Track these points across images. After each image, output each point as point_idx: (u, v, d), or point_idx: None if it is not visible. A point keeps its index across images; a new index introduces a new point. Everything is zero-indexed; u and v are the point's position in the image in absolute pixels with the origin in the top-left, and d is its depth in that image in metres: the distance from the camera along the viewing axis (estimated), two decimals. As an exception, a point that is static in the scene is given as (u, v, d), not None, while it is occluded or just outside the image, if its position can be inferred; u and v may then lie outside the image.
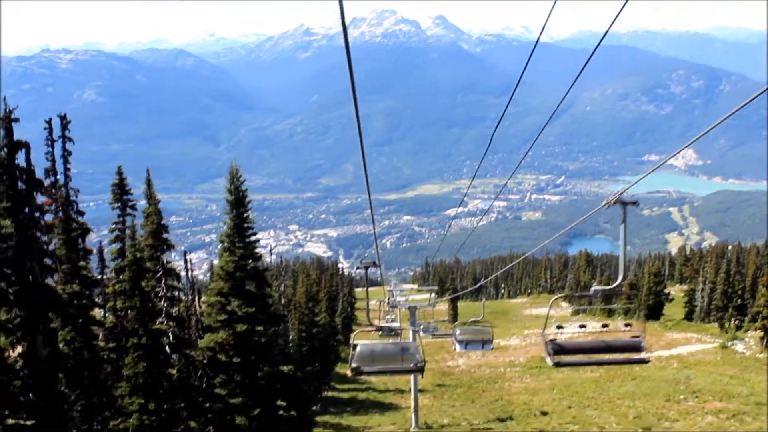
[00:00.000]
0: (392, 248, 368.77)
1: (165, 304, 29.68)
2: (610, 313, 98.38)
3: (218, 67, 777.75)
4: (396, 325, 33.46)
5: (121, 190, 30.85)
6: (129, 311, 24.59)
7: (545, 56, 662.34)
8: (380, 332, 24.77)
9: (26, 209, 18.37)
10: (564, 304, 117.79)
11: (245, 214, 30.19)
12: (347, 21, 5.76)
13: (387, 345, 16.11)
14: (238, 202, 30.00)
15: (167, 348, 27.78)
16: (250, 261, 29.99)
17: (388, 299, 47.51)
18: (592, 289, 13.23)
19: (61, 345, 22.47)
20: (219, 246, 30.53)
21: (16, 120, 18.07)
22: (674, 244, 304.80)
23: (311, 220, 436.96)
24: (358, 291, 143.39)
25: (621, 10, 7.75)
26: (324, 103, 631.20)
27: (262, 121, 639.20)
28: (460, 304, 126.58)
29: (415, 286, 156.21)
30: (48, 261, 19.29)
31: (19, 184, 18.13)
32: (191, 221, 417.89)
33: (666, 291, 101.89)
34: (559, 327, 14.86)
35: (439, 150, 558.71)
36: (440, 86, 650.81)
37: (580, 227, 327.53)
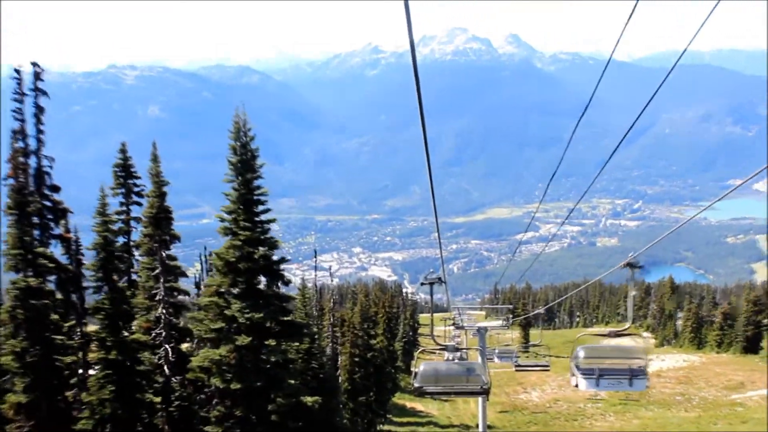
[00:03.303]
0: (459, 273, 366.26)
1: (164, 311, 24.82)
2: (700, 345, 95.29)
3: (284, 84, 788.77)
4: (457, 342, 32.67)
5: (125, 172, 27.12)
6: (97, 314, 20.52)
7: (623, 76, 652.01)
8: (445, 352, 24.63)
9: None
10: (646, 334, 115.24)
11: (255, 182, 23.68)
12: (417, 39, 5.86)
13: (452, 365, 15.93)
14: (245, 165, 23.46)
15: (166, 368, 23.91)
16: (261, 248, 23.43)
17: (454, 321, 47.03)
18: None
19: (9, 359, 18.91)
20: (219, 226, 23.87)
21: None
22: (762, 274, 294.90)
23: (376, 242, 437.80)
24: (423, 317, 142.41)
25: (701, 26, 7.64)
26: (392, 122, 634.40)
27: (327, 139, 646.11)
28: (533, 332, 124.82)
29: (483, 312, 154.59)
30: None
31: None
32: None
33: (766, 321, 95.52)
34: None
35: (510, 172, 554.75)
36: (513, 106, 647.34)
37: (659, 255, 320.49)
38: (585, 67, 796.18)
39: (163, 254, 25.42)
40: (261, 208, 23.85)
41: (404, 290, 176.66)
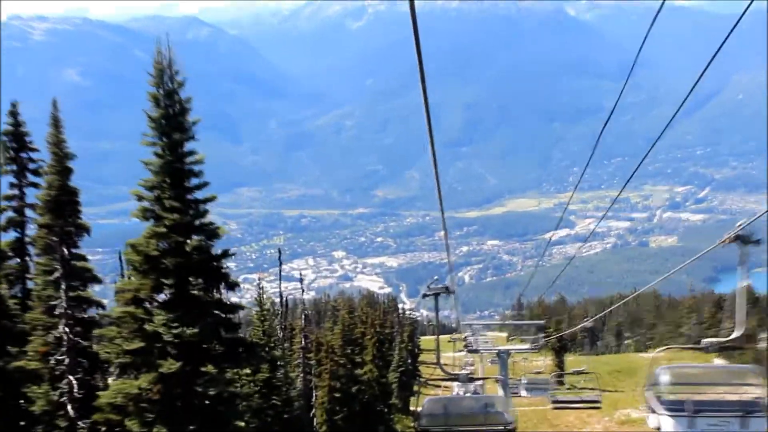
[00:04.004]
0: (472, 283, 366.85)
1: (66, 330, 23.30)
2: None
3: (242, 40, 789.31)
4: (470, 371, 31.94)
5: (17, 142, 26.19)
6: None
7: (681, 25, 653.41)
8: (456, 383, 23.92)
9: None
10: (719, 361, 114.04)
11: (186, 146, 22.45)
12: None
13: (465, 399, 16.38)
14: (171, 121, 22.00)
15: (69, 408, 22.62)
16: (195, 237, 22.04)
17: (466, 343, 45.64)
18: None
19: None
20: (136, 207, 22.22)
21: None
22: None
23: (363, 244, 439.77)
24: (425, 339, 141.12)
25: None
26: (382, 88, 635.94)
27: (299, 112, 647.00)
28: (569, 359, 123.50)
29: (503, 334, 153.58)
30: None
31: None
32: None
33: None
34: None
35: (536, 152, 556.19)
36: (539, 67, 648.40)
37: (731, 258, 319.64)
38: (632, 15, 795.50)
39: (65, 252, 24.10)
40: (195, 181, 22.45)
41: (400, 305, 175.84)
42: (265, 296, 41.06)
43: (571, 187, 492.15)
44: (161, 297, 21.78)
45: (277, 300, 55.66)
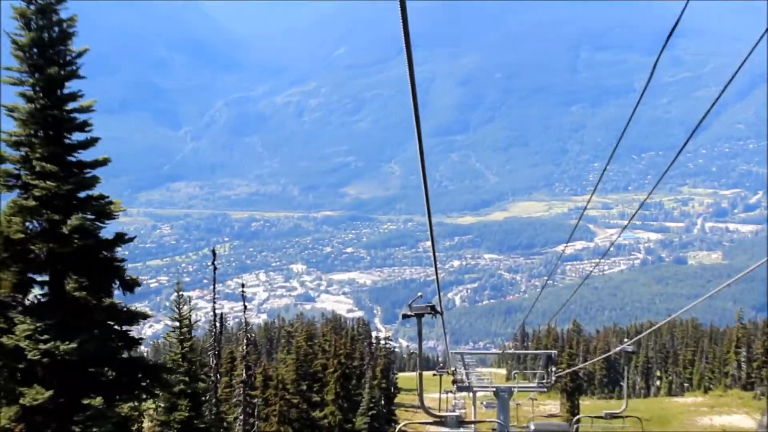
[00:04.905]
0: (465, 307, 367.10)
1: None
2: None
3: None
4: (461, 414, 30.51)
5: None
6: None
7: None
8: (443, 429, 22.77)
9: None
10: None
11: (65, 84, 20.95)
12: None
13: None
14: (45, 49, 20.28)
15: None
16: (79, 214, 20.44)
17: (455, 377, 44.08)
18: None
19: None
20: None
21: None
22: None
23: (329, 256, 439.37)
24: (403, 376, 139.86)
25: None
26: (355, 60, 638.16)
27: (250, 88, 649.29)
28: (585, 402, 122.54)
29: (502, 371, 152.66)
30: None
31: None
32: (126, 253, 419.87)
33: None
34: None
35: (547, 143, 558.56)
36: (551, 35, 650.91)
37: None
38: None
39: None
40: (79, 137, 21.03)
41: (374, 333, 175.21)
42: (188, 309, 38.49)
43: (590, 187, 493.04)
44: (28, 299, 20.29)
45: (209, 318, 54.03)
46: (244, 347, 56.62)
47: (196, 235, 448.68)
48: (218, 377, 48.37)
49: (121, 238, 21.37)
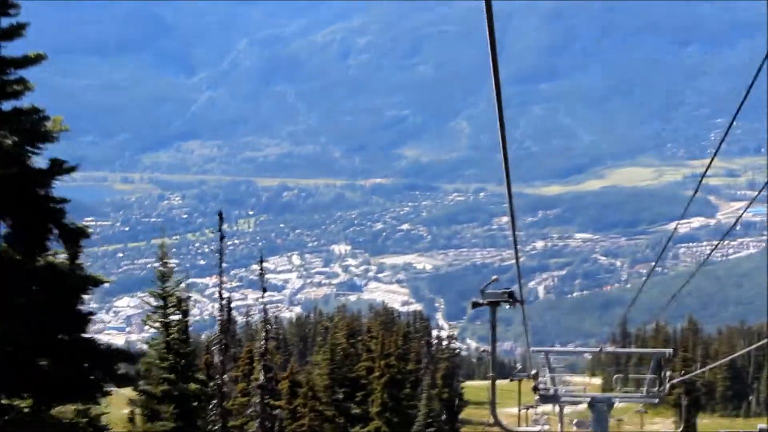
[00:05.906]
0: (550, 299, 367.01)
1: None
2: None
3: None
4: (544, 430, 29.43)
5: None
6: None
7: None
8: None
9: None
10: None
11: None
12: None
13: None
14: None
15: None
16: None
17: (537, 384, 42.58)
18: None
19: None
20: None
21: None
22: None
23: (380, 235, 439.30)
24: (470, 386, 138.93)
25: None
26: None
27: (283, 24, 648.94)
28: (703, 420, 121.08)
29: (597, 381, 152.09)
30: None
31: None
32: (127, 228, 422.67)
33: None
34: None
35: (657, 94, 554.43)
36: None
37: None
38: None
39: None
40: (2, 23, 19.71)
41: (435, 331, 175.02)
42: (178, 283, 36.85)
43: (711, 149, 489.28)
44: None
45: (216, 305, 53.52)
46: (263, 342, 55.66)
47: (214, 207, 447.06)
48: (223, 380, 47.01)
49: (58, 167, 19.95)
